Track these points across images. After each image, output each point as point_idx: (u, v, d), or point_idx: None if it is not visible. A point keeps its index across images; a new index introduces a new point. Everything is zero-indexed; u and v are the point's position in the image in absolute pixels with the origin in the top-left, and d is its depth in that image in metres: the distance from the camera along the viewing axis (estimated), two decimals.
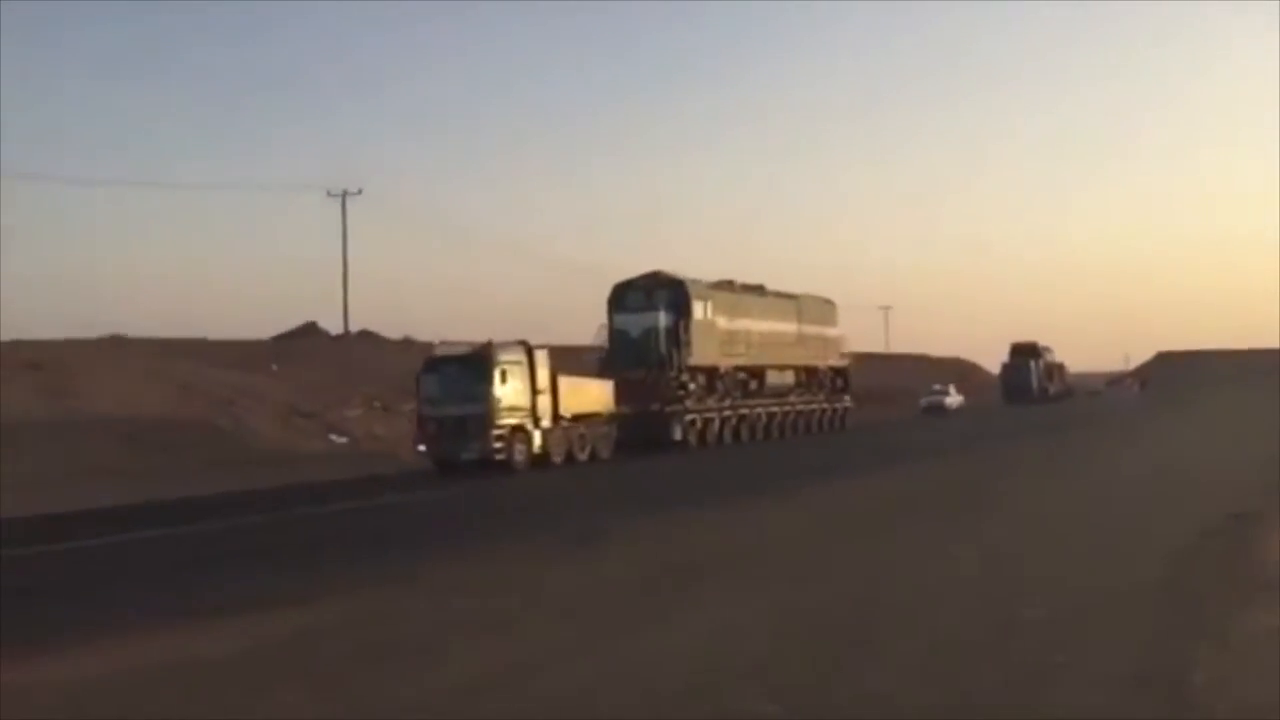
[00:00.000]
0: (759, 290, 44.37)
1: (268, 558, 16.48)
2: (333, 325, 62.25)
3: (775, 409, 43.57)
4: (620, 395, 37.00)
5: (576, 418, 33.34)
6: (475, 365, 30.75)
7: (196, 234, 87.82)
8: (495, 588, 12.96)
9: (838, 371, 49.23)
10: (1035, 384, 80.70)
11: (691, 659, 9.07)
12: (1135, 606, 10.69)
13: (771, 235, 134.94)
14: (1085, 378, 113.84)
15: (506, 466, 30.38)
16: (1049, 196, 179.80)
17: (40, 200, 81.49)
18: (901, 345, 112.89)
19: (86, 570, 16.61)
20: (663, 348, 37.23)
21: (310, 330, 64.23)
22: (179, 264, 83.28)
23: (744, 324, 41.84)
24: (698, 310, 38.67)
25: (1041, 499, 20.29)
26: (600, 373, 37.67)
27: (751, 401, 42.00)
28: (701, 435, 38.74)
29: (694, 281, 39.33)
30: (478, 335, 32.54)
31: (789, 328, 45.46)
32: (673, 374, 37.20)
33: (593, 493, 26.29)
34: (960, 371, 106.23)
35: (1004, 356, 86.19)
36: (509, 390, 30.82)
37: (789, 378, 44.83)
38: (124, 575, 15.81)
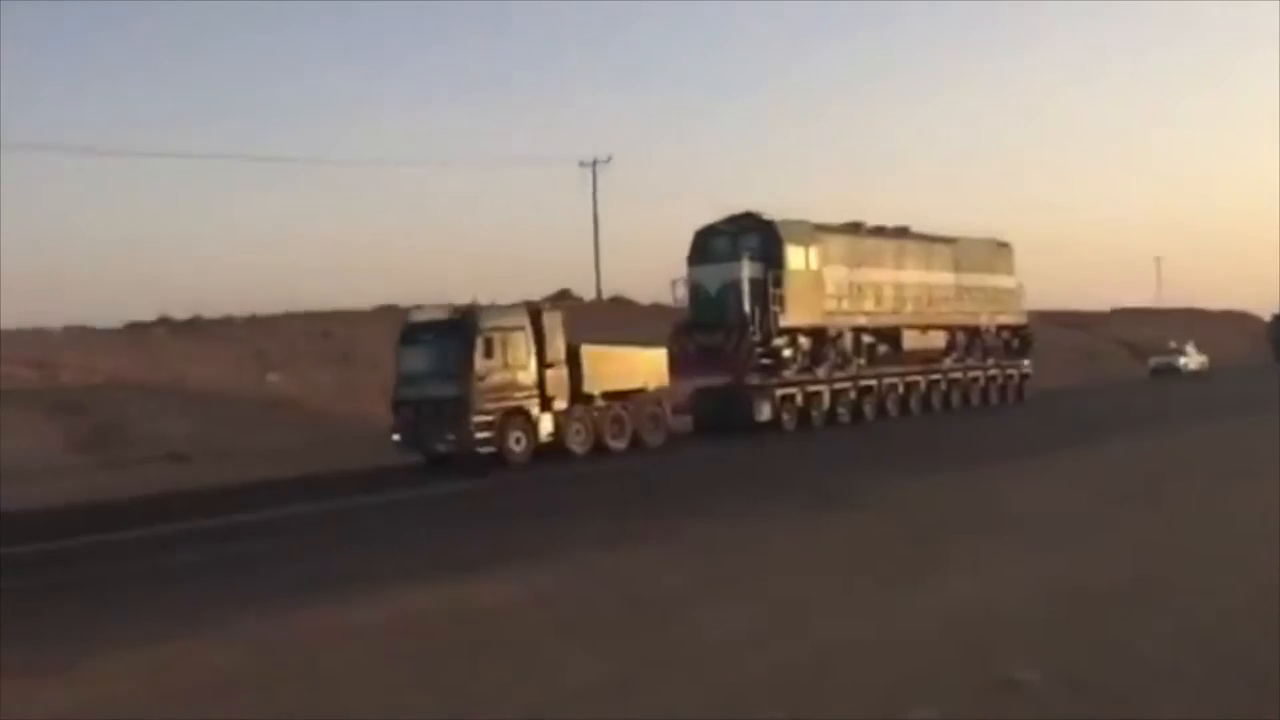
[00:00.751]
0: (899, 233, 36.38)
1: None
2: (586, 292, 62.54)
3: (918, 378, 35.52)
4: (690, 366, 30.33)
5: (610, 396, 26.77)
6: (453, 335, 24.63)
7: (461, 206, 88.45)
8: None
9: (1014, 330, 40.47)
10: None
11: None
12: None
13: (1033, 188, 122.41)
14: None
15: (500, 460, 24.22)
16: None
17: (320, 180, 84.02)
18: (1175, 299, 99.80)
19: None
20: (746, 305, 30.06)
21: (564, 297, 65.76)
22: (444, 236, 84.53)
23: (870, 274, 34.05)
24: (794, 258, 31.23)
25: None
26: (674, 338, 31.03)
27: (882, 370, 34.18)
28: (803, 414, 31.41)
29: (791, 223, 31.83)
30: None
31: (941, 278, 37.21)
32: (756, 338, 30.01)
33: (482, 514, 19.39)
34: (1235, 326, 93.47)
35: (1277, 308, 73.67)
36: (499, 364, 24.61)
37: (938, 339, 36.60)
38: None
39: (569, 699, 7.50)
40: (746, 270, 30.24)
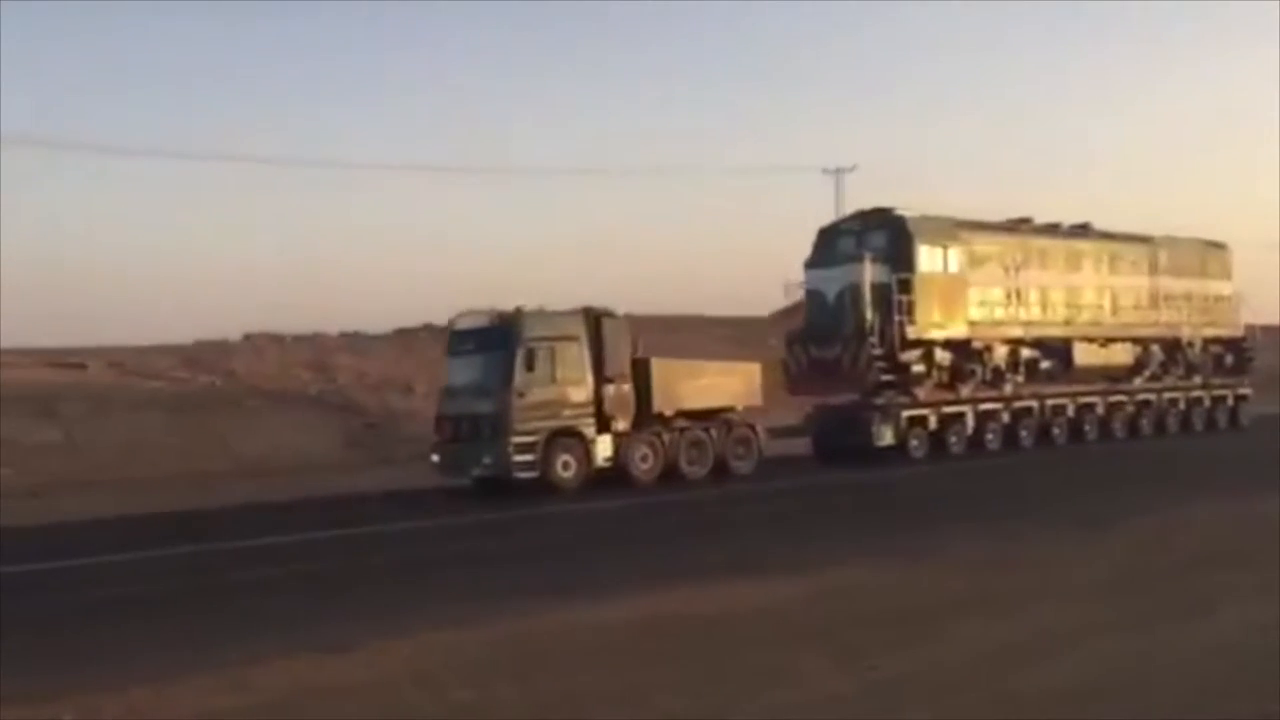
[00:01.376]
0: (1077, 231, 31.63)
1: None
2: None
3: (1094, 399, 30.71)
4: (805, 382, 27.03)
5: (689, 415, 23.69)
6: (493, 344, 22.09)
7: (702, 215, 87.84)
8: None
9: (1227, 344, 34.83)
10: None
11: None
12: None
13: None
14: None
15: (547, 487, 21.53)
16: None
17: (558, 188, 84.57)
18: None
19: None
20: (867, 313, 26.30)
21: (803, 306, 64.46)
22: (683, 244, 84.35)
23: (1033, 278, 29.53)
24: (927, 259, 27.17)
25: None
26: (787, 349, 27.67)
27: (1045, 389, 29.68)
28: (937, 439, 27.35)
29: (926, 219, 27.76)
30: None
31: (1131, 283, 32.22)
32: (876, 350, 26.20)
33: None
34: None
35: None
36: (545, 378, 21.92)
37: (1123, 354, 31.58)
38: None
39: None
40: (869, 273, 26.46)
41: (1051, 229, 30.98)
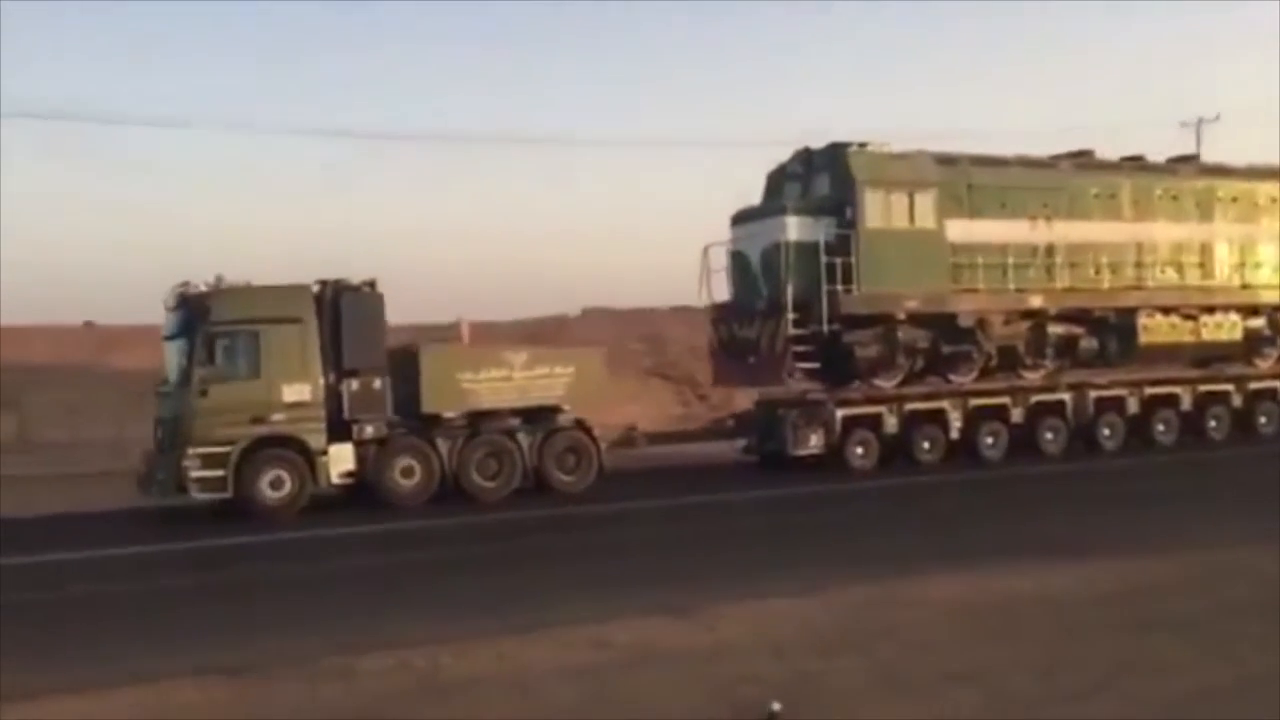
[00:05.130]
0: (1168, 166, 21.97)
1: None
2: None
3: (1173, 389, 21.05)
4: (724, 369, 19.64)
5: (484, 417, 16.77)
6: (181, 329, 15.98)
7: None
8: None
9: None
10: None
11: None
12: None
13: None
14: None
15: (252, 510, 15.35)
16: None
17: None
18: None
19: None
20: (788, 278, 18.29)
21: None
22: None
23: (1076, 230, 20.34)
24: (876, 209, 18.66)
25: None
26: (711, 329, 20.09)
27: (1087, 377, 20.47)
28: (899, 446, 18.95)
29: (880, 156, 19.02)
30: None
31: (1249, 231, 22.10)
32: (794, 331, 18.13)
33: None
34: None
35: None
36: (242, 372, 15.71)
37: (1227, 329, 21.48)
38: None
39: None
40: (793, 228, 18.48)
41: (1118, 165, 21.51)
